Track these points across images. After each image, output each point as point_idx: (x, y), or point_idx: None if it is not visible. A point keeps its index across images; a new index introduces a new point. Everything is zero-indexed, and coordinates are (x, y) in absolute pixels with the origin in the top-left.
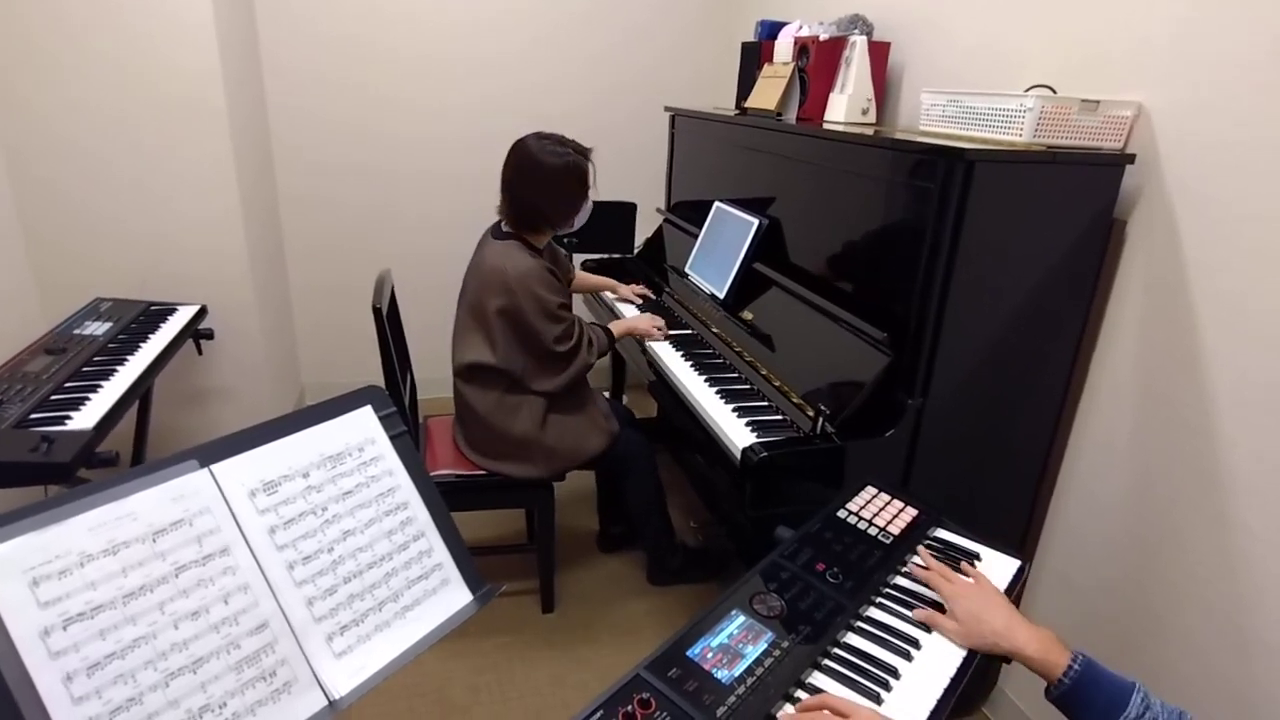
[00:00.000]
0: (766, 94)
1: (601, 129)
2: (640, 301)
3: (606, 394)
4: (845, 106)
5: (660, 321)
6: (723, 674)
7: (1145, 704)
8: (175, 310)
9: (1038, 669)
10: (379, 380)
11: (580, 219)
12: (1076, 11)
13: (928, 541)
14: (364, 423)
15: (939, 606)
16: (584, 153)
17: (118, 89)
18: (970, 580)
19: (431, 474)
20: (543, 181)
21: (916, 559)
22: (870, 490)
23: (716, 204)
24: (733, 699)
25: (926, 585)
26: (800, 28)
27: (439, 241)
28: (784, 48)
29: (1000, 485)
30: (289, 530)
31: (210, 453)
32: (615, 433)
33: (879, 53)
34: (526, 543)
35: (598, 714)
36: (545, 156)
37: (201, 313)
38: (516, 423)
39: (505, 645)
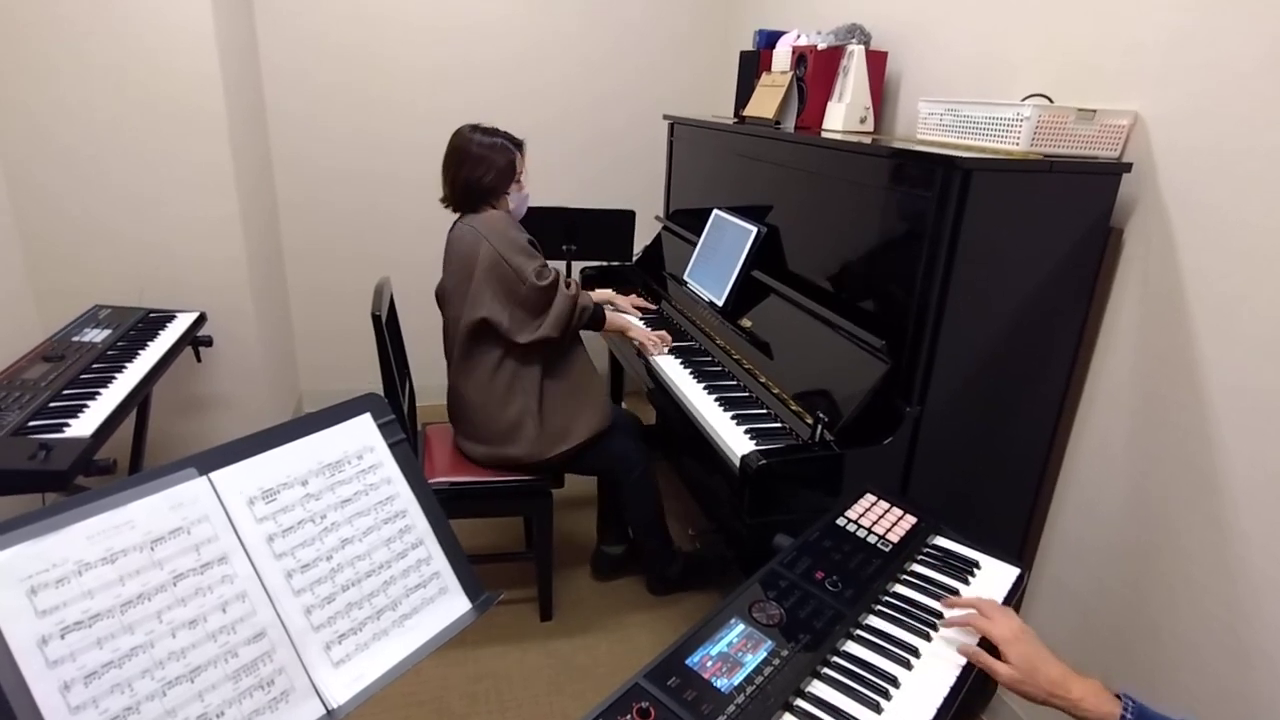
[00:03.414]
0: (765, 102)
1: (600, 136)
2: (639, 314)
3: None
4: (843, 115)
5: (657, 337)
6: (722, 683)
7: None
8: (174, 317)
9: None
10: (378, 388)
11: (516, 206)
12: (1073, 21)
13: (925, 551)
14: (363, 430)
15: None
16: (515, 142)
17: (117, 95)
18: (1013, 618)
19: (430, 482)
20: (470, 161)
21: (950, 605)
22: (869, 498)
23: (715, 212)
24: (732, 708)
25: (965, 625)
26: (798, 37)
27: (438, 248)
28: (782, 56)
29: (998, 492)
30: (287, 538)
31: (209, 461)
32: (610, 415)
33: (876, 62)
34: (525, 550)
35: None
36: (473, 142)
37: (200, 320)
38: (511, 400)
39: (503, 654)
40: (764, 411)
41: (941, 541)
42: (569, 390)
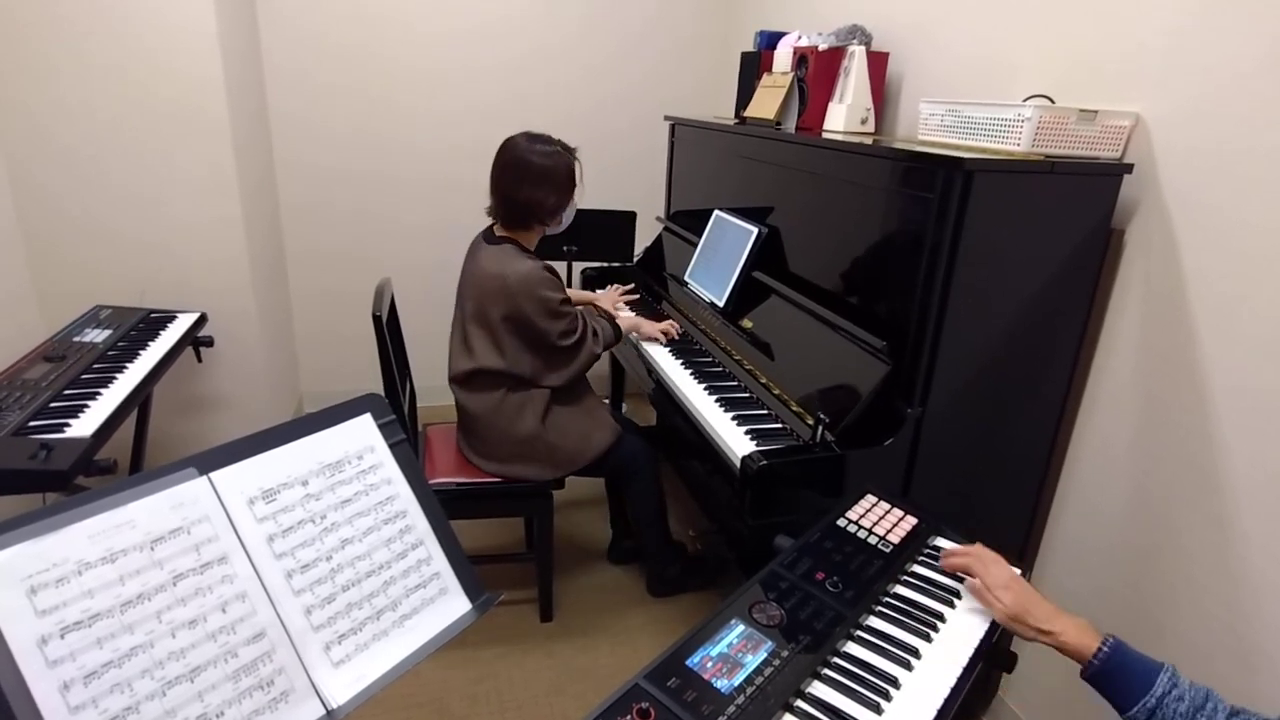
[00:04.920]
0: (766, 103)
1: (601, 137)
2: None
3: (606, 401)
4: (844, 116)
5: (666, 327)
6: (722, 683)
7: (1173, 682)
8: (175, 318)
9: (1071, 654)
10: (378, 388)
11: (567, 218)
12: (1074, 22)
13: (925, 552)
14: (363, 431)
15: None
16: (571, 151)
17: (120, 97)
18: (1004, 566)
19: (430, 482)
20: (534, 177)
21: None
22: (870, 499)
23: (716, 212)
24: (732, 709)
25: (964, 571)
26: (799, 38)
27: (439, 250)
28: (783, 57)
29: (1000, 493)
30: (287, 539)
31: (209, 461)
32: (619, 429)
33: (877, 63)
34: (525, 551)
35: None
36: (534, 154)
37: (201, 320)
38: (521, 422)
39: (503, 655)
40: (765, 412)
41: (942, 542)
42: (578, 412)
